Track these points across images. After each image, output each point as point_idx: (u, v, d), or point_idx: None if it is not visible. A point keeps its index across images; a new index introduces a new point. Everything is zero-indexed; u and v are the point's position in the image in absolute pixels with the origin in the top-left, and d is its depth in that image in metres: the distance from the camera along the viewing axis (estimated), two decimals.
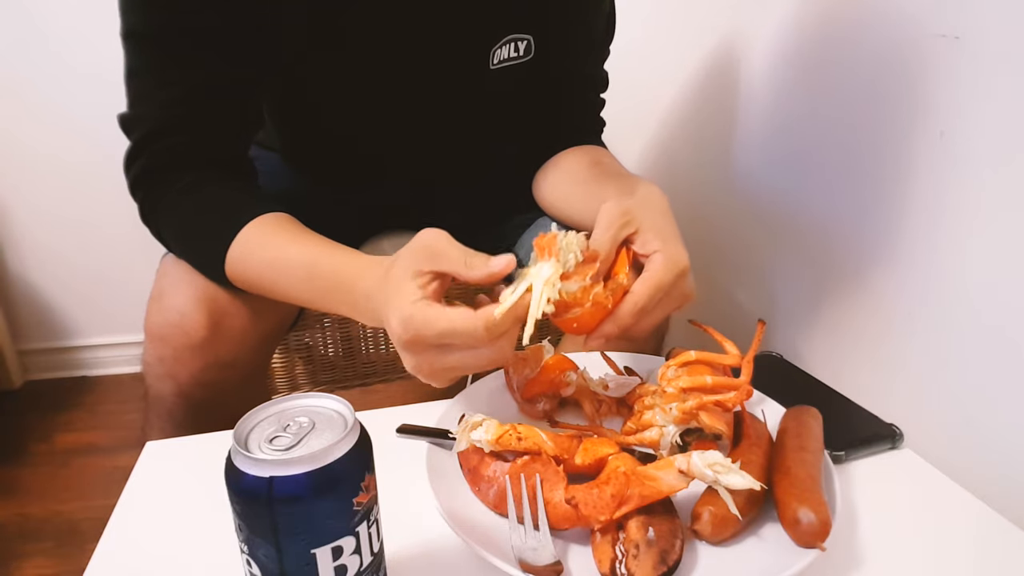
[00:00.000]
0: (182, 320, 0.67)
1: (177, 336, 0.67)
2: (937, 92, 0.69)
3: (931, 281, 0.71)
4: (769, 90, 0.98)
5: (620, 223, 0.56)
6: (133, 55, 0.65)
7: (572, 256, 0.51)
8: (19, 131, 1.69)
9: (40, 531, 1.35)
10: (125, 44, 0.65)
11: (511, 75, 0.78)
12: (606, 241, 0.55)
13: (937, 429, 0.68)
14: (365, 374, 1.00)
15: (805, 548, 0.46)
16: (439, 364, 0.51)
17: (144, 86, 0.66)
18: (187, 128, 0.67)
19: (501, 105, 0.84)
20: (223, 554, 0.46)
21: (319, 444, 0.36)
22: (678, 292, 0.56)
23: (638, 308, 0.54)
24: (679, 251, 0.56)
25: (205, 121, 0.67)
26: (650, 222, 0.57)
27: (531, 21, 0.77)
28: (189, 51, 0.64)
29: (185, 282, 0.68)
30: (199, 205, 0.67)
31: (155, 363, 0.69)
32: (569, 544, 0.48)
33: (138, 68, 0.66)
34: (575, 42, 0.83)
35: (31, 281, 1.84)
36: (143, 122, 0.67)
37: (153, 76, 0.66)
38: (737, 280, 1.10)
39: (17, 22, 1.60)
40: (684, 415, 0.54)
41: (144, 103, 0.67)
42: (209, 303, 0.67)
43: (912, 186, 0.73)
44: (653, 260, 0.55)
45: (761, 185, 1.02)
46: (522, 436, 0.51)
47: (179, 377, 0.68)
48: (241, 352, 0.70)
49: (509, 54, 0.77)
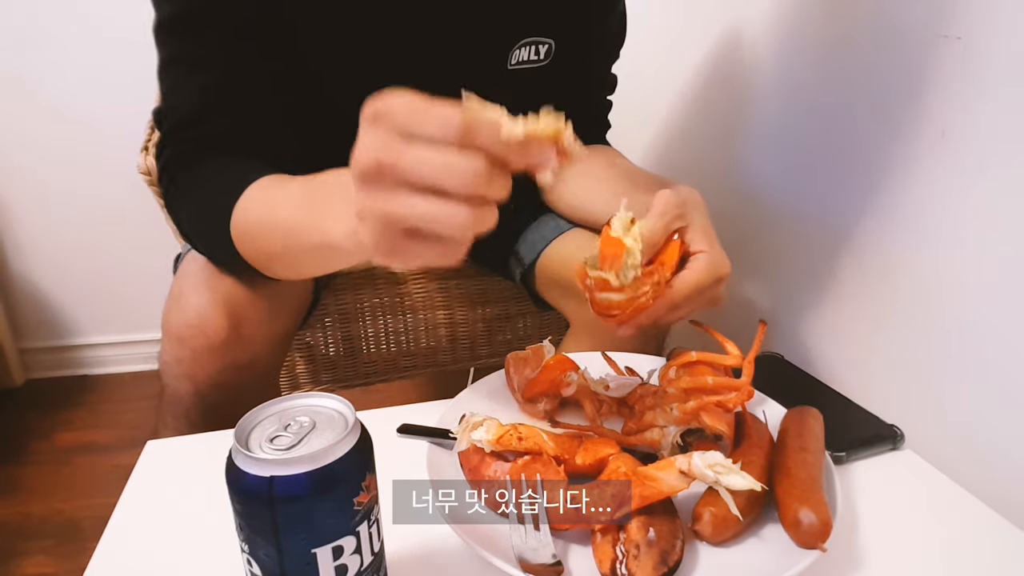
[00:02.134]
0: (201, 321, 0.66)
1: (196, 337, 0.66)
2: (938, 92, 0.69)
3: (932, 281, 0.71)
4: (770, 90, 0.98)
5: (675, 213, 0.56)
6: (168, 46, 0.65)
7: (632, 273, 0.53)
8: (21, 130, 1.69)
9: (41, 529, 1.35)
10: (160, 34, 0.65)
11: (528, 76, 0.78)
12: (660, 228, 0.55)
13: (938, 430, 0.68)
14: (366, 374, 1.00)
15: (806, 549, 0.46)
16: (398, 160, 0.38)
17: (178, 76, 0.66)
18: (219, 116, 0.66)
19: (515, 105, 0.84)
20: (224, 553, 0.46)
21: (320, 444, 0.36)
22: (710, 294, 0.57)
23: (674, 304, 0.55)
24: (723, 257, 0.58)
25: (238, 109, 0.67)
26: (700, 221, 0.58)
27: (553, 24, 0.77)
28: (224, 39, 0.64)
29: (204, 283, 0.68)
30: (207, 190, 0.66)
31: (173, 363, 0.69)
32: (569, 544, 0.48)
33: (172, 59, 0.65)
34: (594, 47, 0.83)
35: (33, 280, 1.84)
36: (175, 110, 0.67)
37: (187, 66, 0.65)
38: (738, 280, 1.10)
39: (19, 21, 1.60)
40: (685, 416, 0.54)
41: (178, 93, 0.66)
42: (229, 305, 0.67)
43: (913, 186, 0.73)
44: (698, 259, 0.56)
45: (761, 185, 1.02)
46: (523, 436, 0.51)
47: (197, 378, 0.68)
48: (258, 353, 0.70)
49: (529, 56, 0.77)
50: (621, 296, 0.53)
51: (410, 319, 0.99)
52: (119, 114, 1.58)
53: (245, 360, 0.69)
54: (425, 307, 0.99)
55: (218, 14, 0.63)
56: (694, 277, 0.55)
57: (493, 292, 1.01)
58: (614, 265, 0.52)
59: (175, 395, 0.70)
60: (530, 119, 0.40)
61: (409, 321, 0.99)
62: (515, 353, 0.67)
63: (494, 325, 1.03)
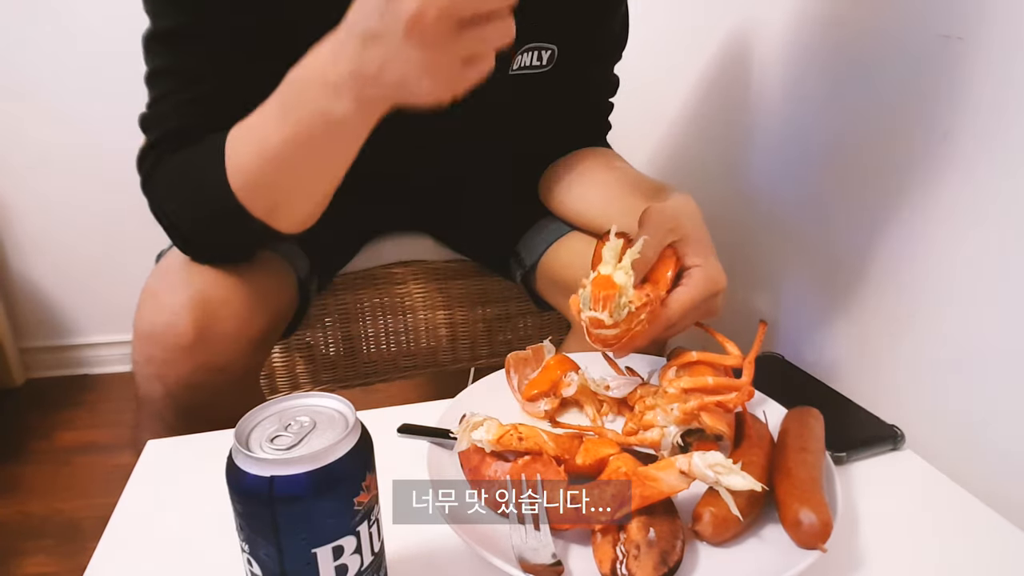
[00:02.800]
0: (172, 320, 0.65)
1: (167, 336, 0.65)
2: (941, 93, 0.69)
3: (934, 282, 0.71)
4: (773, 91, 0.98)
5: (667, 228, 0.56)
6: (158, 56, 0.65)
7: (624, 312, 0.53)
8: (22, 129, 1.69)
9: (41, 529, 1.36)
10: (151, 44, 0.64)
11: (530, 82, 0.78)
12: (651, 249, 0.55)
13: (939, 430, 0.68)
14: (366, 373, 1.00)
15: (806, 549, 0.46)
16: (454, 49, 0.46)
17: (168, 87, 0.65)
18: (207, 128, 0.65)
19: (515, 109, 0.84)
20: (224, 553, 0.46)
21: (320, 443, 0.36)
22: (707, 307, 0.56)
23: (671, 323, 0.54)
24: (719, 269, 0.57)
25: (227, 122, 0.67)
26: (694, 233, 0.57)
27: (556, 30, 0.76)
28: (216, 51, 0.64)
29: (178, 282, 0.67)
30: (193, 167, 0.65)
31: (143, 363, 0.68)
32: (570, 544, 0.48)
33: (162, 69, 0.65)
34: (597, 50, 0.83)
35: (33, 279, 1.84)
36: (164, 120, 0.66)
37: (178, 77, 0.65)
38: (739, 280, 1.10)
39: (20, 21, 1.60)
40: (685, 416, 0.54)
41: (166, 102, 0.66)
42: (201, 304, 0.66)
43: (915, 187, 0.73)
44: (693, 275, 0.55)
45: (763, 185, 1.02)
46: (523, 436, 0.51)
47: (167, 378, 0.67)
48: (232, 355, 0.69)
49: (531, 62, 0.77)
50: (616, 331, 0.54)
51: (410, 319, 0.99)
52: (120, 115, 1.56)
53: (218, 361, 0.67)
54: (425, 307, 0.99)
55: (215, 31, 0.63)
56: (688, 294, 0.55)
57: (493, 292, 1.01)
58: (607, 306, 0.53)
59: (147, 396, 0.69)
60: None
61: (409, 321, 0.99)
62: (515, 353, 0.67)
63: (494, 325, 1.03)
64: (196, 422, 0.67)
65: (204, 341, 0.66)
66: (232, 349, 0.68)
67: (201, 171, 0.63)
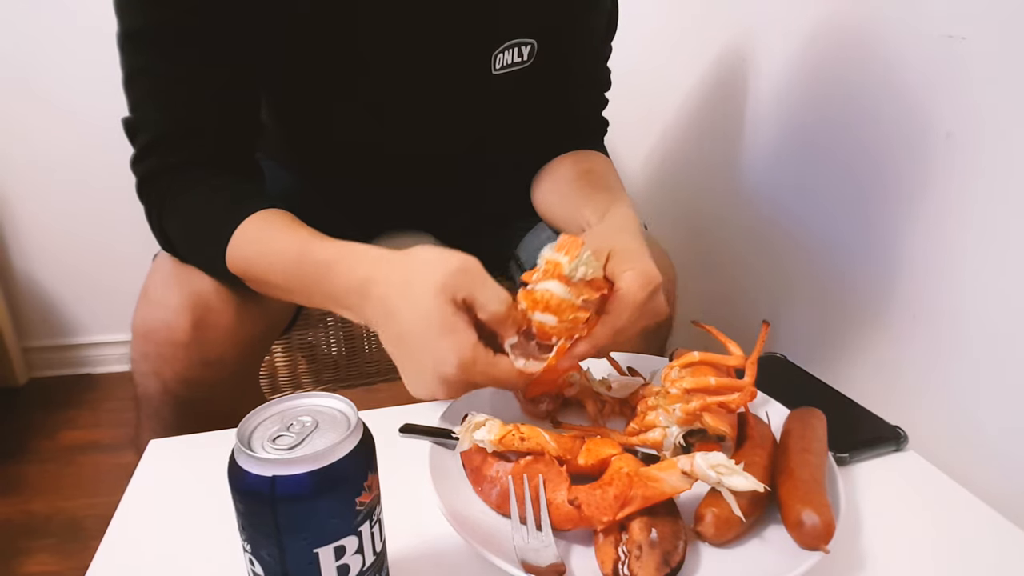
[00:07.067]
0: (168, 317, 0.66)
1: (163, 333, 0.66)
2: (943, 93, 0.69)
3: (936, 283, 0.71)
4: (775, 91, 0.98)
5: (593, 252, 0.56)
6: (132, 57, 0.65)
7: (582, 270, 0.53)
8: (24, 129, 1.69)
9: (44, 528, 1.36)
10: (124, 46, 0.64)
11: (514, 80, 0.78)
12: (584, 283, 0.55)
13: (941, 431, 0.68)
14: (368, 373, 1.00)
15: (808, 550, 0.46)
16: (460, 391, 0.54)
17: (146, 89, 0.66)
18: (192, 131, 0.66)
19: (504, 109, 0.84)
20: (226, 553, 0.46)
21: (322, 443, 0.36)
22: (650, 309, 0.57)
23: (616, 328, 0.55)
24: (650, 267, 0.57)
25: (210, 123, 0.67)
26: (621, 244, 0.58)
27: (533, 25, 0.77)
28: (191, 52, 0.64)
29: (174, 280, 0.68)
30: (200, 205, 0.67)
31: (140, 360, 0.68)
32: (572, 545, 0.48)
33: (138, 71, 0.65)
34: (579, 44, 0.82)
35: (36, 278, 1.84)
36: (148, 126, 0.66)
37: (154, 79, 0.65)
38: (741, 281, 1.10)
39: (21, 21, 1.61)
40: (688, 416, 0.54)
41: (147, 107, 0.66)
42: (197, 301, 0.66)
43: (917, 188, 0.73)
44: (625, 278, 0.55)
45: (766, 186, 1.02)
46: (525, 436, 0.51)
47: (164, 375, 0.67)
48: (228, 352, 0.69)
49: (512, 59, 0.77)
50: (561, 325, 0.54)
51: None
52: (124, 113, 1.58)
53: (213, 358, 0.68)
54: None
55: (185, 26, 0.63)
56: (627, 295, 0.55)
57: None
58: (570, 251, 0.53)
59: (145, 394, 0.70)
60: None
61: None
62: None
63: None
64: (194, 419, 0.67)
65: (201, 338, 0.67)
66: (228, 345, 0.69)
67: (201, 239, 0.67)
